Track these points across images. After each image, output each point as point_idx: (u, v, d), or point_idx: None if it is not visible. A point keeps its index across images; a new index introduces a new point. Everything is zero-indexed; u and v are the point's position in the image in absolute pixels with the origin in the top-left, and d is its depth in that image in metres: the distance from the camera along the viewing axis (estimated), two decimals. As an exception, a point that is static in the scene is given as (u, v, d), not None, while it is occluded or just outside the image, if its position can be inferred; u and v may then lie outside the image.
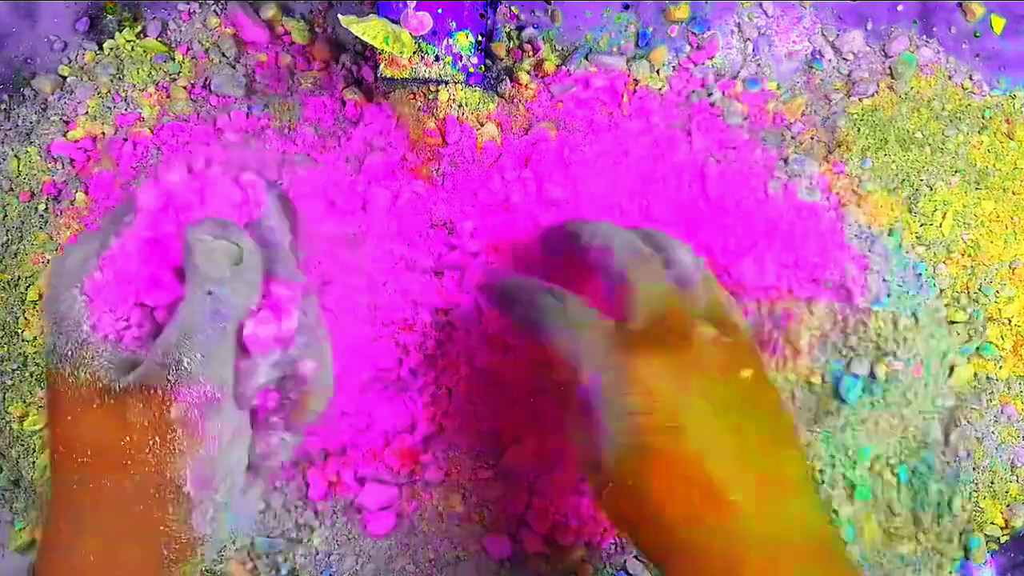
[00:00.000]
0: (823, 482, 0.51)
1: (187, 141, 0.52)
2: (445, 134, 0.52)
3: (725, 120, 0.53)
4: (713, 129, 0.53)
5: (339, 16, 0.47)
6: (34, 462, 0.52)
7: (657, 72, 0.53)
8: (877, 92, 0.53)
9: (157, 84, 0.53)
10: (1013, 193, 0.53)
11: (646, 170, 0.52)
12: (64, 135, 0.53)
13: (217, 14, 0.53)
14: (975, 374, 0.52)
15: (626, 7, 0.54)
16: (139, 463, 0.34)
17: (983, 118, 0.53)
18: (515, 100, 0.53)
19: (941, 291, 0.52)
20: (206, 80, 0.53)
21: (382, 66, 0.50)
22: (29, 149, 0.53)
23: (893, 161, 0.52)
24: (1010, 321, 0.52)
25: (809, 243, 0.51)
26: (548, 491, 0.51)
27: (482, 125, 0.52)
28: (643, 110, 0.53)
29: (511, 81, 0.53)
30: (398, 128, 0.53)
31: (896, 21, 0.54)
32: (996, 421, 0.52)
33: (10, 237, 0.52)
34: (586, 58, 0.53)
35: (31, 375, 0.52)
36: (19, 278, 0.52)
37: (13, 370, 0.52)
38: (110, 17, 0.54)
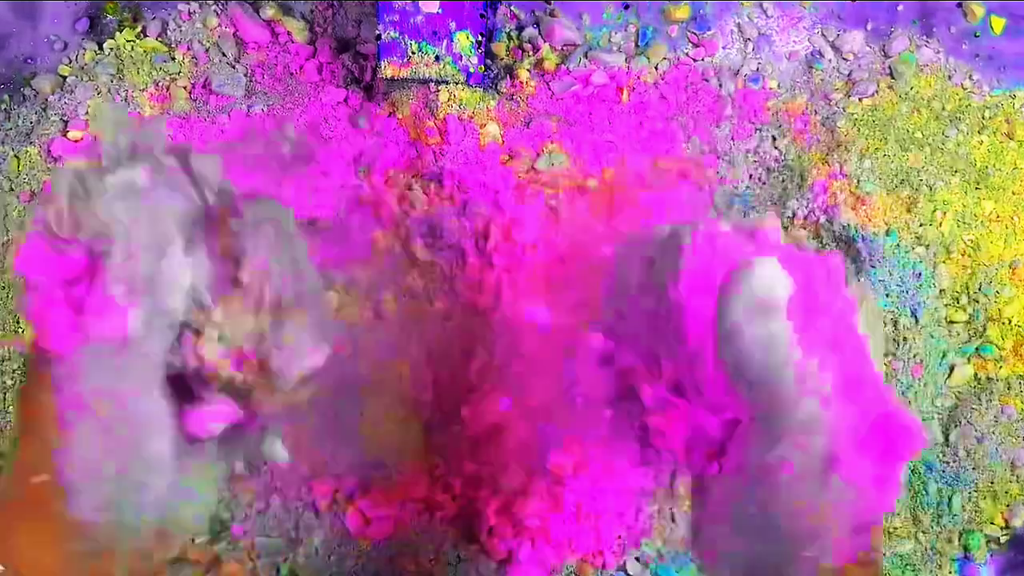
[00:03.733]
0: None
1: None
2: (445, 134, 0.52)
3: (724, 117, 0.53)
4: (714, 122, 0.53)
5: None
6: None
7: (656, 69, 0.53)
8: (877, 92, 0.53)
9: (157, 84, 0.53)
10: (1013, 193, 0.53)
11: (646, 168, 0.52)
12: (64, 135, 0.53)
13: (217, 14, 0.53)
14: (975, 374, 0.52)
15: (626, 7, 0.54)
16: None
17: (983, 118, 0.53)
18: (515, 98, 0.53)
19: (941, 291, 0.52)
20: (206, 80, 0.53)
21: (383, 65, 0.50)
22: (29, 149, 0.53)
23: (893, 161, 0.52)
24: (1010, 321, 0.52)
25: None
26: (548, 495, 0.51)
27: (483, 126, 0.52)
28: (643, 107, 0.53)
29: (511, 80, 0.53)
30: (399, 128, 0.53)
31: (896, 21, 0.54)
32: (996, 421, 0.52)
33: (10, 237, 0.52)
34: (586, 56, 0.53)
35: (31, 375, 0.52)
36: (19, 278, 0.52)
37: (13, 370, 0.52)
38: (110, 17, 0.54)
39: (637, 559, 0.52)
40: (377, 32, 0.49)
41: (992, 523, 0.52)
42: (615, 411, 0.40)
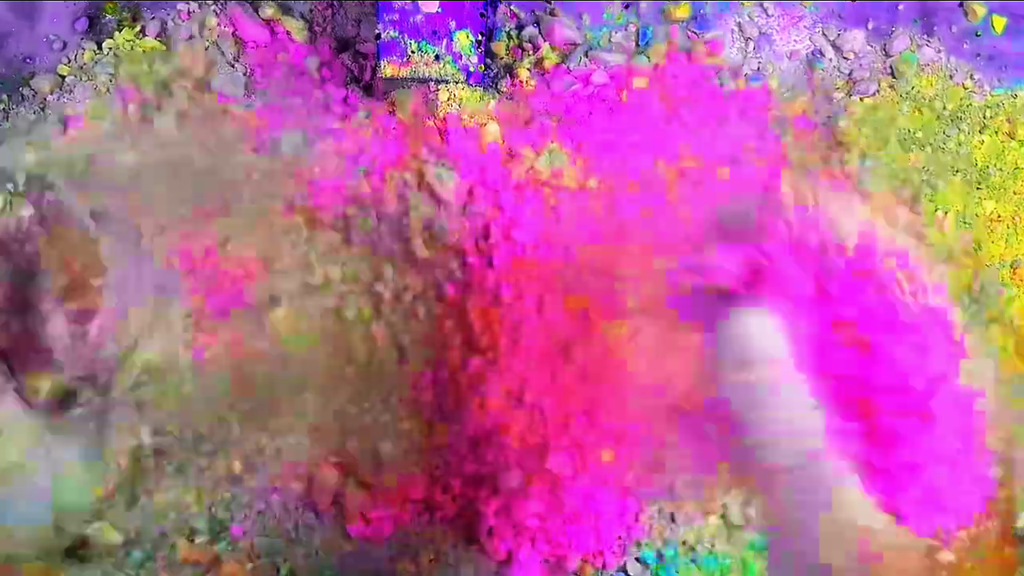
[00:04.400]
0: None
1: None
2: (445, 133, 0.52)
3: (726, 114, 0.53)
4: (714, 121, 0.53)
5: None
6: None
7: (656, 67, 0.53)
8: (878, 91, 0.53)
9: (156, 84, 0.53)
10: (1014, 193, 0.53)
11: (647, 164, 0.52)
12: (63, 134, 0.53)
13: (216, 14, 0.53)
14: (976, 374, 0.52)
15: (626, 6, 0.54)
16: None
17: (984, 118, 0.53)
18: (515, 97, 0.53)
19: (942, 291, 0.52)
20: (206, 79, 0.53)
21: (383, 64, 0.49)
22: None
23: (894, 161, 0.52)
24: (1011, 321, 0.52)
25: None
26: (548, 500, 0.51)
27: (483, 126, 0.52)
28: (643, 104, 0.53)
29: (511, 79, 0.53)
30: (398, 126, 0.53)
31: (897, 20, 0.54)
32: (997, 421, 0.52)
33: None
34: (586, 55, 0.53)
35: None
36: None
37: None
38: (109, 17, 0.54)
39: (637, 559, 0.52)
40: (377, 31, 0.49)
41: (993, 523, 0.52)
42: None
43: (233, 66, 0.53)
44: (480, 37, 0.50)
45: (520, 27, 0.53)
